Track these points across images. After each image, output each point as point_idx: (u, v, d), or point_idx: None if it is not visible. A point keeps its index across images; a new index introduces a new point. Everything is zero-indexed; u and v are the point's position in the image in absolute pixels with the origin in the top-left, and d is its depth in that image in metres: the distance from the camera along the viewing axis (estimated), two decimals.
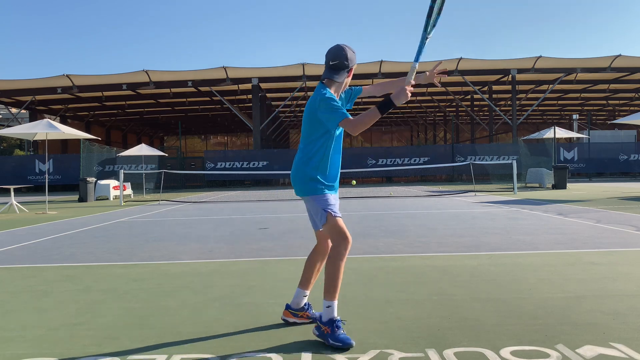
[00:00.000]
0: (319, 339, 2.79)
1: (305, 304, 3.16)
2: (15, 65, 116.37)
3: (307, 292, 3.17)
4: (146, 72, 27.23)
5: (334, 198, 2.99)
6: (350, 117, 2.76)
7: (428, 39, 2.87)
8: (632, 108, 40.15)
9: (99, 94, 31.38)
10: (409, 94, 2.79)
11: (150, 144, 45.36)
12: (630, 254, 5.23)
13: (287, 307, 3.15)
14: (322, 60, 3.04)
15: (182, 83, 29.33)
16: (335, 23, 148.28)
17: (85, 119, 39.75)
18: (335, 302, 2.85)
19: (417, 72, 2.90)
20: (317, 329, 2.84)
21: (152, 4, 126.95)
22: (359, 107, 41.15)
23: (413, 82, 2.87)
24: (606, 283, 3.94)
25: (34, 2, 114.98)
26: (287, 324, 3.11)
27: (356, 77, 29.15)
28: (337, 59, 2.90)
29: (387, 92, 3.15)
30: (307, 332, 2.93)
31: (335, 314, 2.81)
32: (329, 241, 3.05)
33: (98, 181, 19.58)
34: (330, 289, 2.86)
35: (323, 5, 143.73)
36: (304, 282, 3.18)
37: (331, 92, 2.90)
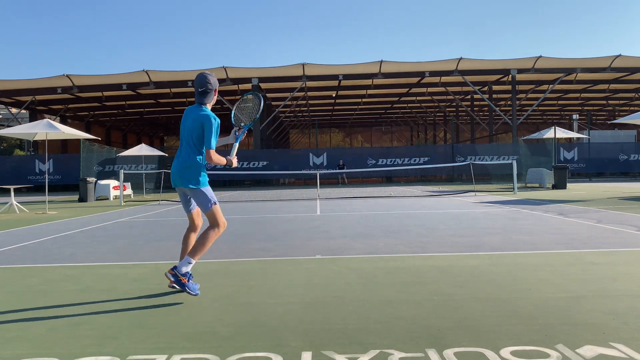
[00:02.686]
0: (182, 288, 3.65)
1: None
2: (15, 65, 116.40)
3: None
4: (146, 72, 27.23)
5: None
6: (214, 149, 3.78)
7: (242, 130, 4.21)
8: (632, 108, 40.14)
9: (99, 94, 31.38)
10: (234, 164, 4.05)
11: (150, 144, 45.37)
12: (630, 254, 5.23)
13: (174, 268, 3.84)
14: (323, 61, 3.13)
15: (182, 83, 29.32)
16: (335, 23, 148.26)
17: (85, 119, 39.74)
18: (194, 262, 3.77)
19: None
20: (174, 277, 3.64)
21: (152, 4, 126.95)
22: (367, 109, 41.21)
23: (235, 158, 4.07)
24: (606, 283, 3.95)
25: (34, 2, 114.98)
26: (286, 324, 3.12)
27: (356, 77, 29.21)
28: (204, 87, 3.86)
29: (221, 144, 4.16)
30: (307, 332, 2.93)
31: (190, 270, 3.74)
32: (200, 221, 4.09)
33: (98, 181, 19.57)
34: (197, 251, 3.79)
35: (323, 5, 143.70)
36: (183, 255, 3.95)
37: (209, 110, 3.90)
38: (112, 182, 19.75)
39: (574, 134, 27.47)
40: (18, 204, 13.92)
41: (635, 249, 5.48)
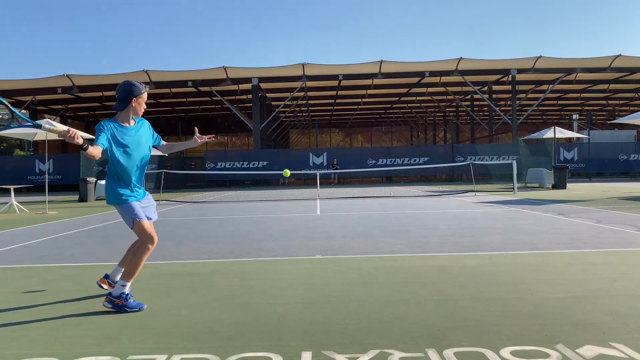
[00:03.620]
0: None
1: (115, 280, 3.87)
2: (15, 65, 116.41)
3: (123, 269, 3.80)
4: (146, 72, 27.23)
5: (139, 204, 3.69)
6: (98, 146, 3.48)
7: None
8: (632, 108, 40.12)
9: (99, 94, 31.37)
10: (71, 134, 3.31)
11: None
12: (630, 254, 5.23)
13: (107, 276, 3.94)
14: (323, 60, 3.15)
15: (182, 83, 29.32)
16: (335, 23, 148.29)
17: (85, 119, 39.73)
18: (129, 284, 3.56)
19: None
20: (110, 302, 3.48)
21: (152, 5, 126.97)
22: (367, 109, 41.20)
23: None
24: (606, 283, 3.95)
25: (34, 2, 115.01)
26: (286, 324, 3.12)
27: (356, 77, 29.21)
28: (118, 93, 3.68)
29: (174, 151, 4.23)
30: (308, 332, 2.93)
31: (127, 291, 3.53)
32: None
33: (98, 181, 19.57)
34: (130, 272, 3.59)
35: (323, 5, 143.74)
36: (123, 261, 3.87)
37: (117, 119, 3.72)
38: None
39: (573, 134, 27.45)
40: (18, 204, 13.91)
41: (635, 249, 5.48)
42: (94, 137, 3.91)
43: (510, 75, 29.14)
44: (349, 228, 8.03)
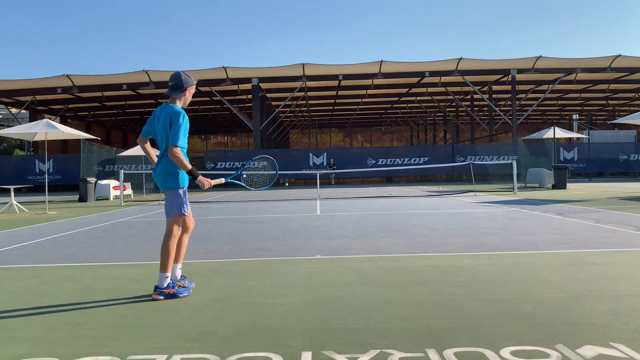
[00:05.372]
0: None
1: (181, 276, 4.03)
2: (15, 65, 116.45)
3: (180, 264, 4.02)
4: (146, 72, 27.22)
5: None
6: (179, 148, 3.65)
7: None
8: (632, 108, 40.13)
9: (99, 94, 31.38)
10: (205, 186, 3.82)
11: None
12: (630, 254, 5.23)
13: (156, 288, 3.92)
14: (323, 61, 3.16)
15: None
16: (336, 23, 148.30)
17: (86, 119, 39.74)
18: (169, 273, 3.79)
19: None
20: (161, 294, 3.73)
21: (152, 4, 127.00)
22: (367, 109, 41.22)
23: (211, 183, 3.88)
24: (606, 283, 3.95)
25: (34, 2, 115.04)
26: (286, 324, 3.11)
27: (356, 77, 29.21)
28: (172, 81, 3.85)
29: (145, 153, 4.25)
30: (308, 332, 2.93)
31: (174, 279, 3.83)
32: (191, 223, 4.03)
33: (98, 181, 19.58)
34: (164, 264, 3.77)
35: (323, 5, 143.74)
36: (177, 257, 3.96)
37: (175, 104, 3.83)
38: (112, 182, 19.75)
39: (573, 134, 27.47)
40: (18, 204, 13.92)
41: (635, 249, 5.48)
42: (94, 137, 4.01)
43: (510, 75, 29.15)
44: (349, 228, 8.03)
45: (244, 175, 4.27)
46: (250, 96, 30.95)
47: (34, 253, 6.23)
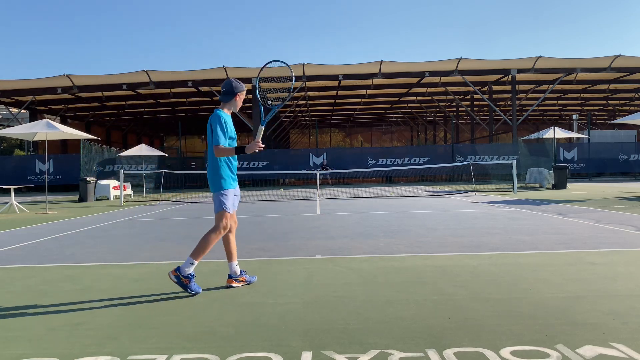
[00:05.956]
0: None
1: (240, 271, 4.15)
2: (16, 65, 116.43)
3: (236, 261, 4.14)
4: (146, 72, 27.22)
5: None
6: (221, 145, 3.85)
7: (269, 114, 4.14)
8: (632, 108, 40.12)
9: (99, 94, 31.36)
10: (257, 149, 3.87)
11: (151, 144, 45.31)
12: (630, 254, 5.23)
13: (229, 276, 4.13)
14: (323, 61, 3.17)
15: (182, 83, 29.31)
16: (336, 23, 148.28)
17: (85, 119, 39.72)
18: (197, 263, 3.89)
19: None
20: (177, 278, 3.83)
21: (152, 5, 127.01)
22: (367, 109, 41.22)
23: (260, 141, 3.91)
24: (606, 283, 3.95)
25: (34, 2, 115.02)
26: (286, 324, 3.12)
27: (356, 77, 29.20)
28: (224, 87, 4.07)
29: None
30: (308, 332, 2.93)
31: (192, 270, 3.87)
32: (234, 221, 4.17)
33: (98, 181, 19.57)
34: (198, 252, 3.89)
35: (323, 6, 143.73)
36: (229, 256, 4.13)
37: (223, 109, 4.04)
38: (112, 182, 19.74)
39: (573, 134, 27.45)
40: (18, 204, 13.92)
41: (635, 249, 5.48)
42: (94, 137, 4.02)
43: (510, 75, 29.14)
44: (349, 228, 8.03)
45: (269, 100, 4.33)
46: (250, 96, 30.95)
47: (34, 253, 6.23)
